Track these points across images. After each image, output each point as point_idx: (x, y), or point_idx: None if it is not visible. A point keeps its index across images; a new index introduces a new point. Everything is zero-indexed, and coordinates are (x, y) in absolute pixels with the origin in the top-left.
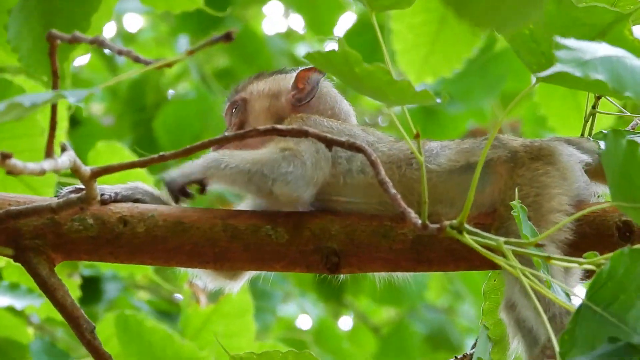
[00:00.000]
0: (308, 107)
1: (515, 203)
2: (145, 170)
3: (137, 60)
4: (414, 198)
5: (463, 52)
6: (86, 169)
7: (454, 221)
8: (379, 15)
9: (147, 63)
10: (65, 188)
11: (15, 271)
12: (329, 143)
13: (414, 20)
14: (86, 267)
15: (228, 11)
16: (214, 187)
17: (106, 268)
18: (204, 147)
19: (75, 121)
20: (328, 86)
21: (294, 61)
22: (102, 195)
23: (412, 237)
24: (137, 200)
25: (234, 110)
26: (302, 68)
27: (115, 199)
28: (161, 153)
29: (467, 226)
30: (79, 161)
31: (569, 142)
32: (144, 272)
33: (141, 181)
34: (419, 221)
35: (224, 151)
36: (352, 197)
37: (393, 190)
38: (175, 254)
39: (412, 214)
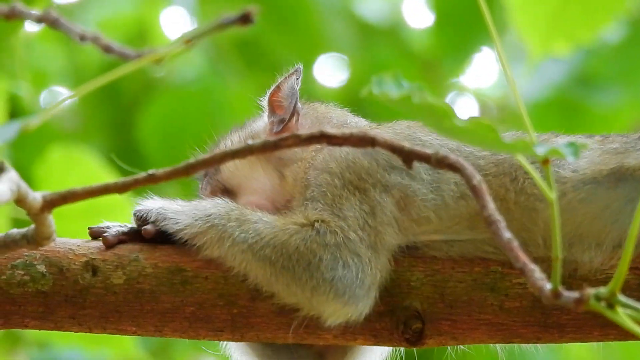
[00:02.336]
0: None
1: None
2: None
3: (107, 50)
4: (538, 231)
5: (615, 7)
6: (36, 198)
7: (602, 290)
8: None
9: (123, 55)
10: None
11: None
12: (408, 157)
13: None
14: (36, 343)
15: None
16: (206, 255)
17: (66, 343)
18: (215, 162)
19: (18, 115)
20: (327, 106)
21: (356, 26)
22: (103, 232)
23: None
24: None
25: (207, 179)
26: (271, 90)
27: (128, 236)
28: (150, 171)
29: (622, 298)
30: (24, 187)
31: None
32: (124, 351)
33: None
34: (547, 285)
35: (227, 205)
36: (454, 234)
37: (507, 234)
38: (171, 319)
39: (537, 274)
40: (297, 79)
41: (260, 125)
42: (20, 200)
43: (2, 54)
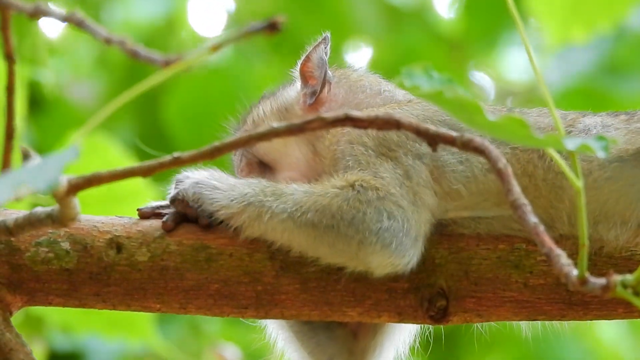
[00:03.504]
0: (337, 105)
1: None
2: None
3: (134, 55)
4: (564, 208)
5: None
6: (61, 182)
7: (629, 277)
8: None
9: (150, 60)
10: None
11: None
12: (433, 139)
13: None
14: (58, 329)
15: None
16: (246, 235)
17: (87, 330)
18: (241, 144)
19: (39, 103)
20: (360, 71)
21: (382, 7)
22: (154, 213)
23: None
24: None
25: (242, 153)
26: (301, 61)
27: (184, 216)
28: (175, 154)
29: None
30: None
31: None
32: (144, 339)
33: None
34: (574, 271)
35: (260, 183)
36: (482, 210)
37: (533, 219)
38: (195, 296)
39: (563, 260)
40: (326, 47)
41: (292, 95)
42: None
43: (23, 41)
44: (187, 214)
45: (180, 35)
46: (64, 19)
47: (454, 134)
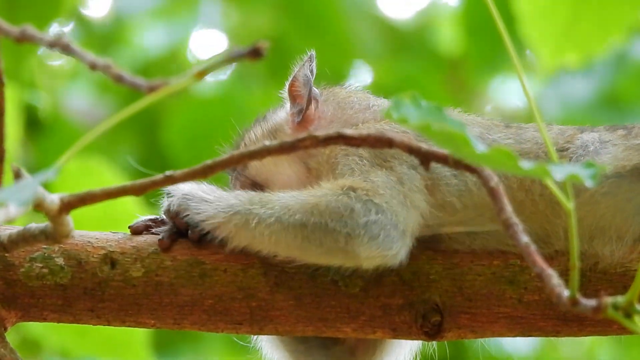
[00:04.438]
0: (326, 122)
1: None
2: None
3: (118, 79)
4: (560, 223)
5: (627, 18)
6: (53, 200)
7: (620, 298)
8: None
9: (134, 86)
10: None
11: None
12: (425, 158)
13: None
14: (54, 352)
15: None
16: (234, 246)
17: (83, 356)
18: (233, 162)
19: (38, 125)
20: (349, 88)
21: (382, 29)
22: (149, 224)
23: None
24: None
25: (235, 175)
26: (288, 81)
27: (179, 232)
28: (167, 172)
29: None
30: (41, 191)
31: None
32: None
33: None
34: (565, 292)
35: (248, 195)
36: (477, 225)
37: (524, 238)
38: (190, 311)
39: (554, 280)
40: (311, 65)
41: (282, 116)
42: (37, 204)
43: (18, 64)
44: (178, 227)
45: (182, 61)
46: (50, 43)
47: (446, 152)
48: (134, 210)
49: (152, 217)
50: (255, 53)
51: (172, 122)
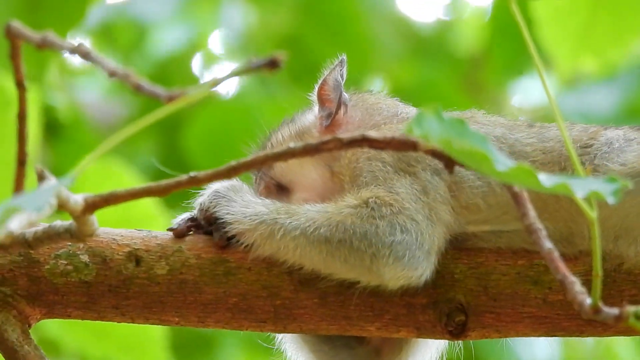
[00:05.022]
0: (354, 127)
1: None
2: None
3: (138, 88)
4: (584, 222)
5: None
6: (77, 201)
7: None
8: None
9: (153, 95)
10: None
11: None
12: (449, 161)
13: None
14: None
15: None
16: (258, 254)
17: (101, 358)
18: (257, 165)
19: (57, 127)
20: (378, 95)
21: (408, 35)
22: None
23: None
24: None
25: (259, 175)
26: (318, 85)
27: (198, 225)
28: (192, 173)
29: None
30: (65, 192)
31: None
32: None
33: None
34: (587, 300)
35: (274, 204)
36: (502, 224)
37: (548, 244)
38: (213, 309)
39: (577, 287)
40: (342, 70)
41: (310, 119)
42: (61, 205)
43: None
44: (207, 221)
45: (199, 59)
46: (71, 50)
47: None
48: (154, 214)
49: (189, 215)
50: (272, 64)
51: (193, 127)
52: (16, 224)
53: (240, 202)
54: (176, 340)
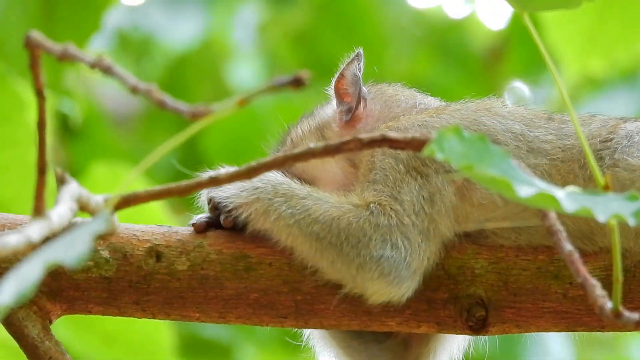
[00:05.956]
0: (373, 120)
1: None
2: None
3: (161, 105)
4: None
5: None
6: (98, 202)
7: None
8: None
9: (176, 110)
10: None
11: None
12: None
13: None
14: None
15: None
16: (253, 229)
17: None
18: (278, 164)
19: (71, 129)
20: (396, 86)
21: (425, 29)
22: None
23: (597, 277)
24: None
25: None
26: (335, 79)
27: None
28: (212, 173)
29: None
30: (85, 194)
31: None
32: None
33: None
34: (608, 304)
35: (275, 177)
36: (522, 220)
37: (568, 246)
38: (235, 305)
39: (598, 291)
40: (359, 64)
41: (329, 113)
42: (83, 207)
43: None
44: (213, 208)
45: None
46: (92, 64)
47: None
48: (161, 220)
49: (206, 214)
50: (297, 82)
51: (211, 131)
52: (36, 234)
53: (238, 185)
54: (183, 345)
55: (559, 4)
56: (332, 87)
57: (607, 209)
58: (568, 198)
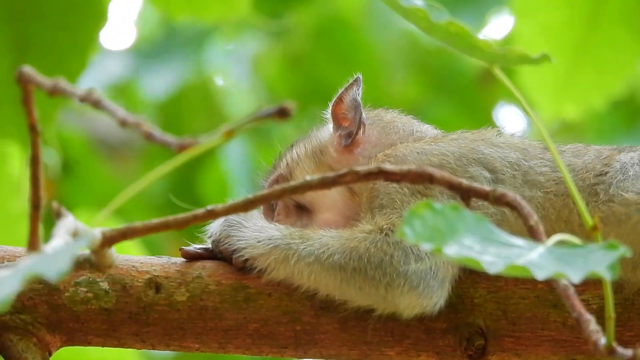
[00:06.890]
0: (371, 145)
1: None
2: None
3: (149, 138)
4: (606, 238)
5: (626, 70)
6: (95, 235)
7: None
8: None
9: (165, 143)
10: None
11: None
12: (466, 194)
13: (549, 19)
14: None
15: None
16: (271, 278)
17: None
18: (274, 197)
19: (69, 164)
20: (392, 113)
21: (419, 54)
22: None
23: (596, 305)
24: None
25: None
26: (333, 102)
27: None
28: (209, 207)
29: None
30: (82, 227)
31: None
32: None
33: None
34: (602, 340)
35: (287, 228)
36: None
37: (563, 281)
38: (234, 335)
39: (592, 326)
40: (358, 89)
41: (326, 136)
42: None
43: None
44: (222, 254)
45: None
46: (82, 98)
47: (486, 188)
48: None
49: (204, 246)
50: (282, 113)
51: (208, 172)
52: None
53: (252, 228)
54: None
55: (526, 61)
56: (330, 111)
57: (585, 264)
58: (542, 261)
